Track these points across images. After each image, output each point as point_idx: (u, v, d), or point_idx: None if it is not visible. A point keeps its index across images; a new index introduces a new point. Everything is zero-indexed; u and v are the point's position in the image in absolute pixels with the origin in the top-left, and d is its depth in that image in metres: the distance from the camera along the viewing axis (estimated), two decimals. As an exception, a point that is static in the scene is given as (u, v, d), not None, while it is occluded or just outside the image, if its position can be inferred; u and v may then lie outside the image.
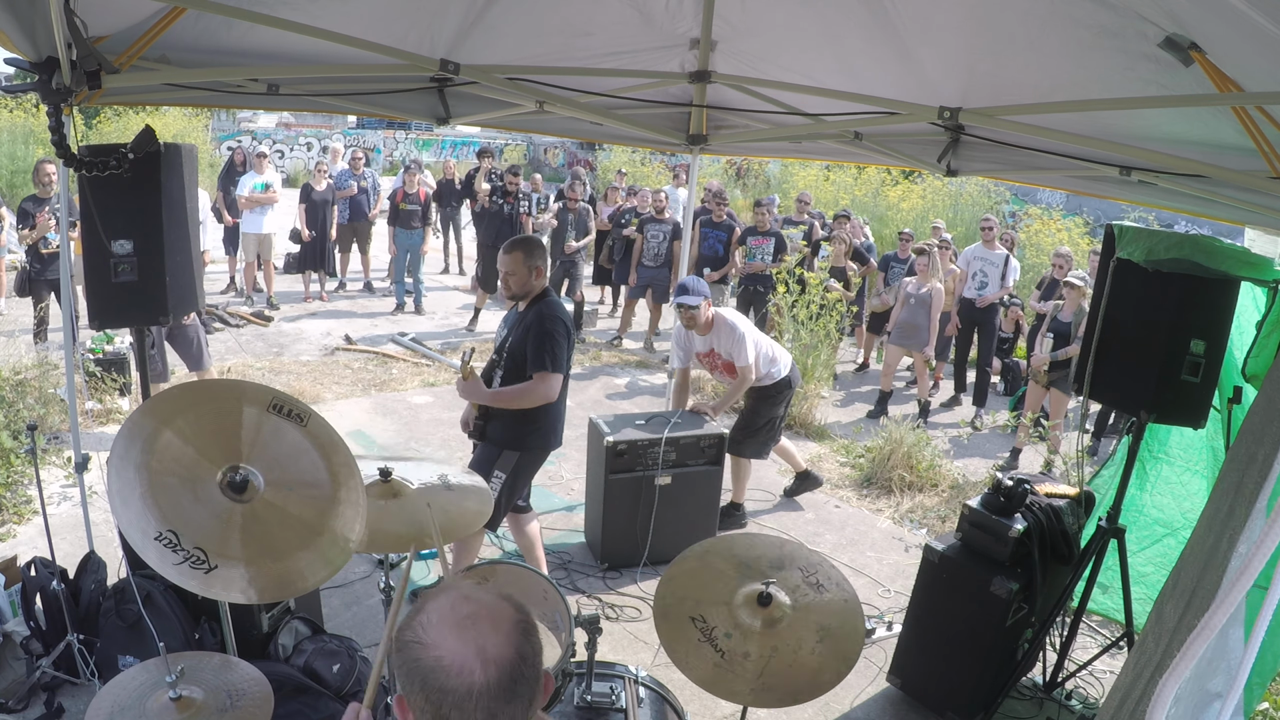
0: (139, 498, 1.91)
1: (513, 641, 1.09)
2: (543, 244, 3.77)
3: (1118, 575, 3.49)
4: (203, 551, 1.90)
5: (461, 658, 1.06)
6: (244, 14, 2.74)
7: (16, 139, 14.76)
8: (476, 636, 1.08)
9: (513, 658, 1.08)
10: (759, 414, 5.17)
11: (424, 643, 1.08)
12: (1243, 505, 1.79)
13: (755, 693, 2.04)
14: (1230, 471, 1.95)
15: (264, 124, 21.67)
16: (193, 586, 1.87)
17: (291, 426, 2.21)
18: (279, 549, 2.03)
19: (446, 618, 1.10)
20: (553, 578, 2.99)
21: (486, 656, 1.06)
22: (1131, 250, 3.11)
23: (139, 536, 1.86)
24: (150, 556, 1.86)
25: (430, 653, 1.07)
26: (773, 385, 5.09)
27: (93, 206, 2.91)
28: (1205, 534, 1.94)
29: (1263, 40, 1.99)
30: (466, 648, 1.07)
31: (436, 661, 1.06)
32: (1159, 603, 2.02)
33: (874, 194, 16.63)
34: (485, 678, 1.06)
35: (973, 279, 8.06)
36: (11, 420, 5.09)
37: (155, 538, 1.87)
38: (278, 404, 2.21)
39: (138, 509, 1.90)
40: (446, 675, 1.05)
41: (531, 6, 3.35)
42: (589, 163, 21.91)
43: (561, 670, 2.32)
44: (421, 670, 1.06)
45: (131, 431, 2.00)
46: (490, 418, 3.70)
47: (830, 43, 3.40)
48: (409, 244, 9.91)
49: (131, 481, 1.93)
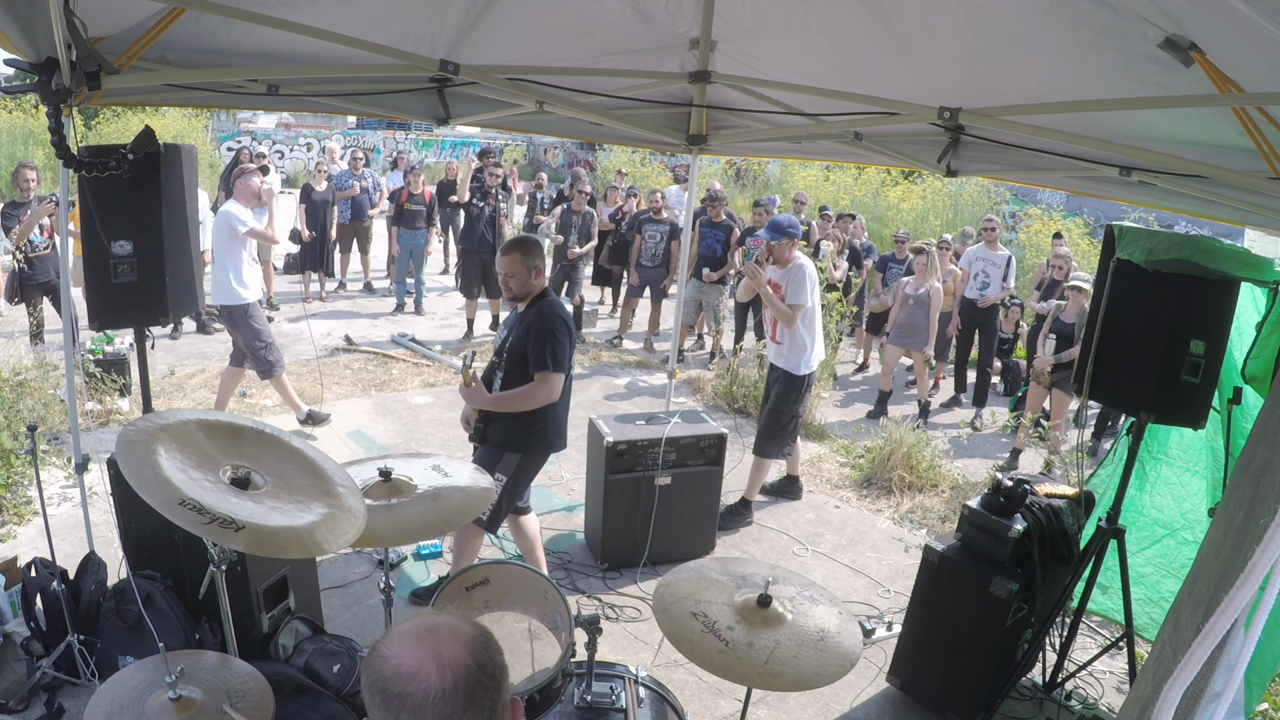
0: (159, 467, 1.95)
1: (470, 651, 1.10)
2: (540, 243, 3.78)
3: (1117, 576, 3.49)
4: (231, 516, 1.91)
5: (417, 663, 1.07)
6: (244, 14, 2.74)
7: (16, 139, 14.77)
8: (434, 644, 1.09)
9: (470, 664, 1.09)
10: (783, 412, 5.23)
11: (384, 655, 1.10)
12: (1262, 512, 1.78)
13: (763, 676, 2.05)
14: (1244, 479, 1.93)
15: (264, 124, 21.66)
16: (228, 541, 1.90)
17: (277, 439, 2.27)
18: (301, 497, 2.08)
19: (407, 633, 1.12)
20: (553, 578, 2.99)
21: (443, 662, 1.08)
22: (1131, 251, 3.11)
23: (164, 503, 1.88)
24: (179, 519, 1.87)
25: (389, 663, 1.08)
26: (800, 377, 5.15)
27: (93, 207, 2.91)
28: (1221, 541, 1.92)
29: (1263, 41, 1.99)
30: (423, 653, 1.08)
31: (394, 669, 1.07)
32: (1174, 611, 2.00)
33: (874, 194, 16.64)
34: (441, 683, 1.06)
35: (974, 279, 8.06)
36: (11, 421, 5.09)
37: (180, 503, 1.89)
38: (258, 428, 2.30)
39: (158, 479, 1.92)
40: (403, 680, 1.06)
41: (531, 6, 3.35)
42: (589, 163, 21.89)
43: (561, 670, 2.32)
44: (382, 679, 1.08)
45: (153, 422, 2.05)
46: (491, 420, 3.69)
47: (830, 43, 3.39)
48: (413, 244, 9.90)
49: (150, 455, 1.97)
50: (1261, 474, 1.86)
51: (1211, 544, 1.98)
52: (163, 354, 7.59)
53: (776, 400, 5.23)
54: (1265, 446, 1.90)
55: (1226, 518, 1.95)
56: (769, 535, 5.26)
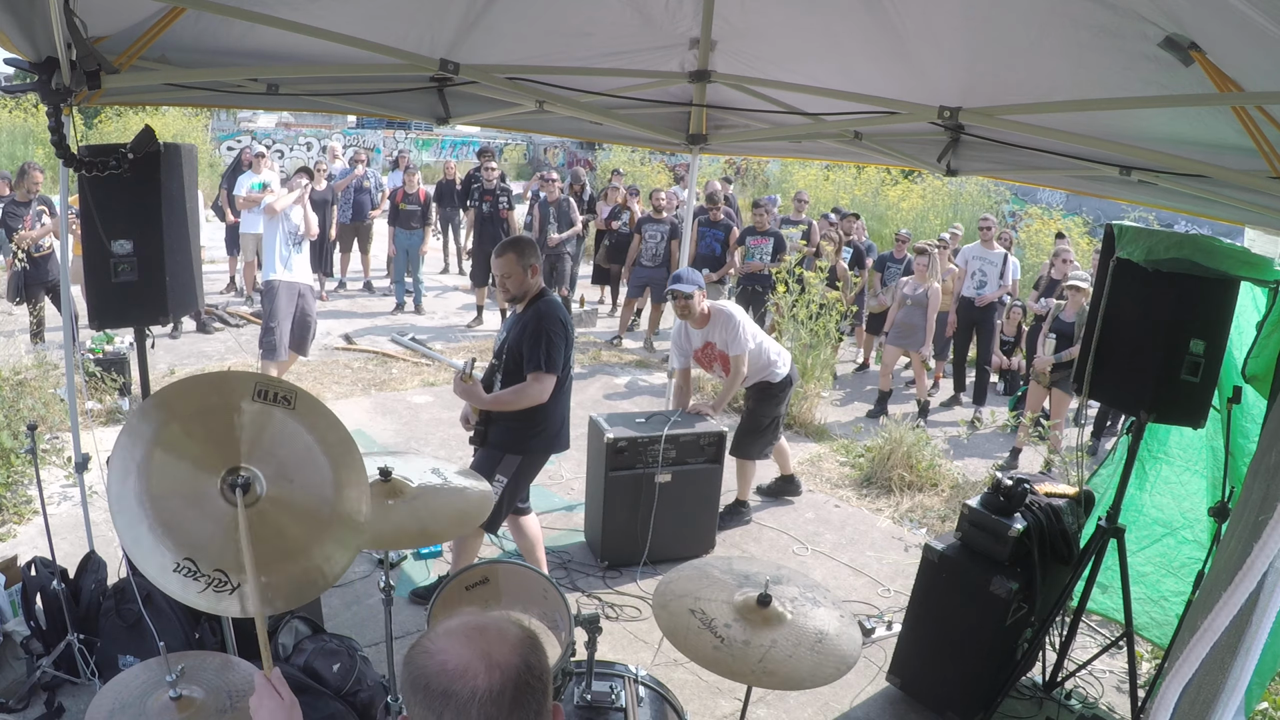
0: (148, 531, 1.84)
1: (519, 652, 1.09)
2: (534, 242, 3.78)
3: (1117, 575, 3.49)
4: (223, 573, 1.84)
5: (466, 660, 1.05)
6: (244, 14, 2.74)
7: (16, 139, 14.76)
8: (483, 643, 1.08)
9: (519, 665, 1.07)
10: (762, 414, 5.18)
11: (430, 651, 1.08)
12: (1271, 518, 1.77)
13: (756, 674, 2.05)
14: (1255, 485, 1.91)
15: (264, 124, 21.64)
16: (224, 610, 1.82)
17: (280, 411, 2.10)
18: (294, 547, 1.98)
19: (454, 630, 1.10)
20: (553, 577, 2.99)
21: (492, 661, 1.06)
22: (1131, 250, 3.11)
23: (158, 572, 1.81)
24: (174, 589, 1.81)
25: (435, 659, 1.06)
26: (776, 384, 5.10)
27: (93, 206, 2.91)
28: (1237, 548, 1.92)
29: (1263, 40, 2.00)
30: (472, 652, 1.06)
31: (441, 666, 1.05)
32: (1189, 616, 2.00)
33: (874, 194, 16.64)
34: (489, 682, 1.04)
35: (971, 278, 8.06)
36: (11, 420, 5.09)
37: (174, 569, 1.81)
38: (262, 389, 2.09)
39: (150, 544, 1.83)
40: (449, 679, 1.04)
41: (531, 6, 3.35)
42: (589, 162, 21.88)
43: (561, 669, 2.32)
44: (425, 676, 1.06)
45: (123, 463, 1.92)
46: (492, 422, 3.69)
47: (830, 42, 3.40)
48: (408, 244, 9.90)
49: (137, 516, 1.85)
50: (1272, 479, 1.85)
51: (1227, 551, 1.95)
52: (163, 353, 7.59)
53: (755, 405, 5.20)
54: (1276, 452, 1.88)
55: (1241, 522, 1.94)
56: (769, 534, 5.26)
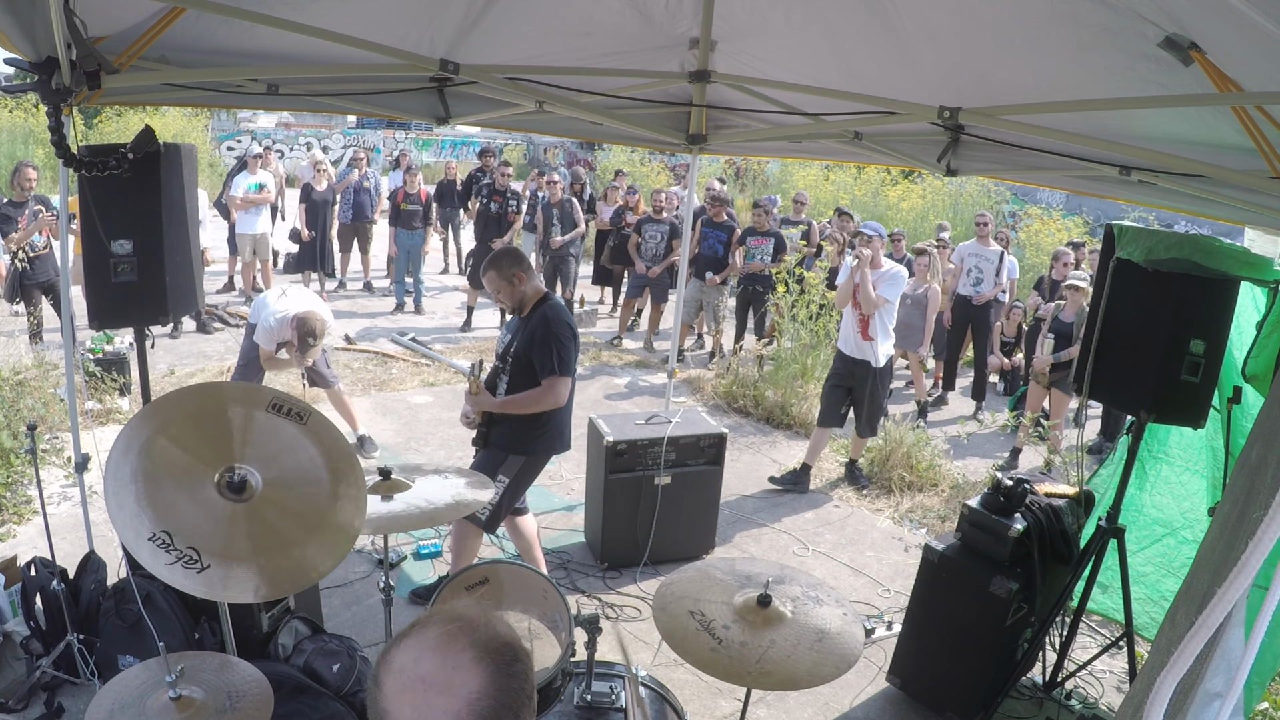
0: (134, 500, 1.95)
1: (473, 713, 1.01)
2: (513, 251, 3.77)
3: (1117, 575, 3.49)
4: (195, 551, 1.93)
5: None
6: (244, 14, 2.74)
7: (16, 139, 14.75)
8: (425, 710, 1.00)
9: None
10: (879, 395, 5.85)
11: (377, 694, 1.03)
12: (1256, 510, 1.78)
13: (754, 675, 2.06)
14: (1240, 476, 1.94)
15: (264, 124, 21.63)
16: (188, 587, 1.90)
17: (290, 425, 2.24)
18: (283, 542, 2.07)
19: (407, 671, 1.03)
20: (552, 577, 2.99)
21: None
22: (1131, 250, 3.11)
23: (133, 537, 1.91)
24: (144, 556, 1.89)
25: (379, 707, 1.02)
26: (889, 363, 5.87)
27: (93, 206, 2.91)
28: (1217, 540, 1.93)
29: (1263, 40, 2.00)
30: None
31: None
32: (1172, 610, 2.01)
33: (874, 194, 16.63)
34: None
35: (967, 275, 8.05)
36: (11, 420, 5.09)
37: (149, 538, 1.91)
38: (277, 403, 2.24)
39: (132, 511, 1.94)
40: None
41: (531, 6, 3.35)
42: (589, 162, 21.87)
43: (561, 670, 2.32)
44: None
45: (127, 439, 2.04)
46: (495, 422, 3.69)
47: (830, 42, 3.39)
48: (409, 244, 9.90)
49: (126, 485, 1.97)
50: (1257, 471, 1.86)
51: (1208, 542, 1.99)
52: (163, 353, 7.59)
53: (875, 386, 5.79)
54: (1262, 445, 1.90)
55: (1223, 516, 1.96)
56: (769, 535, 5.26)
